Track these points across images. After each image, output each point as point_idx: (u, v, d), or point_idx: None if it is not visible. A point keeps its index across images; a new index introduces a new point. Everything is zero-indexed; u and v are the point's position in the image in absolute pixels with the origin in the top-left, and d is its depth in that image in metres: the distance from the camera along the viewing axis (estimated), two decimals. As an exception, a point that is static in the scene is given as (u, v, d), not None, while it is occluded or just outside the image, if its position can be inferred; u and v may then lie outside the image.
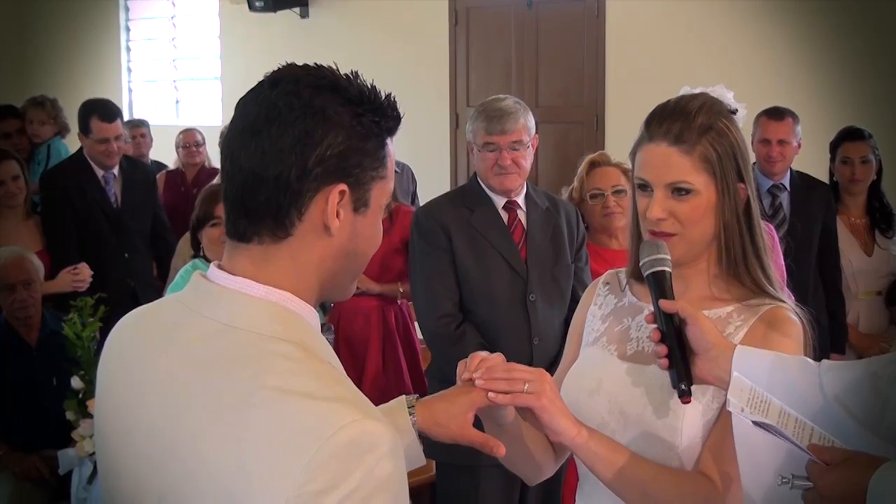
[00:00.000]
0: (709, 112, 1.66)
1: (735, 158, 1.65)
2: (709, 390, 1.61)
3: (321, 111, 1.15)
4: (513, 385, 1.53)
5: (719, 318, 1.67)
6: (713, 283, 1.70)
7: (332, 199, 1.16)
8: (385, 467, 1.05)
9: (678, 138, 1.64)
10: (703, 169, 1.63)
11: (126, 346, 1.25)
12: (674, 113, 1.66)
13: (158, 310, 1.27)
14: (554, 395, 1.56)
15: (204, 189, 3.58)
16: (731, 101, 1.72)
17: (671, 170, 1.64)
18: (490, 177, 3.14)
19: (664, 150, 1.65)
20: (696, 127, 1.64)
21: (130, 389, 1.20)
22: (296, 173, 1.15)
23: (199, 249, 3.33)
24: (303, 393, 1.06)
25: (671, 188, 1.64)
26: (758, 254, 1.68)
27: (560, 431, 1.56)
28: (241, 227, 1.19)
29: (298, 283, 1.19)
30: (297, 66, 1.21)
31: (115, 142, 4.56)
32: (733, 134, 1.66)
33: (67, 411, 3.31)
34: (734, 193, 1.65)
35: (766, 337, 1.63)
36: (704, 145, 1.64)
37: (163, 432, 1.14)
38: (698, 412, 1.62)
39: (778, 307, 1.66)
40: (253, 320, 1.15)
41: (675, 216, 1.65)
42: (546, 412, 1.54)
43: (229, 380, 1.10)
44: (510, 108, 3.10)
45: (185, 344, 1.16)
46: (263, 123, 1.16)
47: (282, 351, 1.12)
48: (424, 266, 3.16)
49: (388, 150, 1.22)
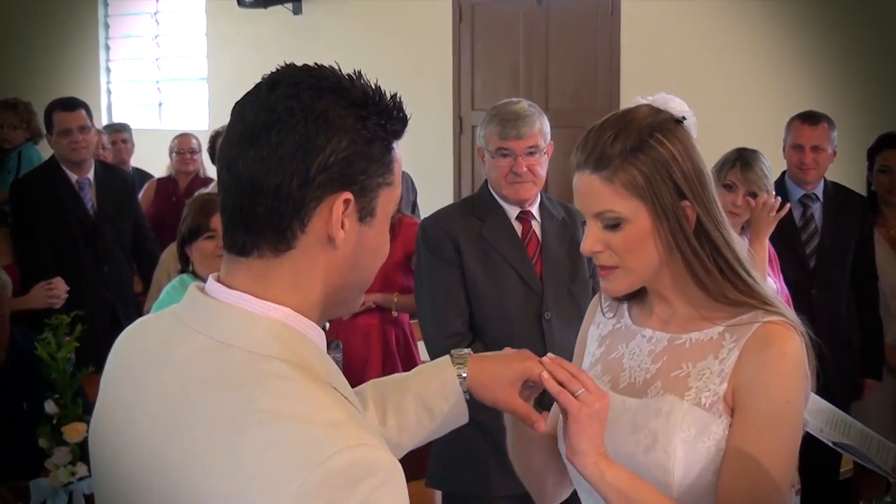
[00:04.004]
0: (637, 129, 1.63)
1: (671, 177, 1.62)
2: (693, 426, 1.61)
3: (323, 115, 1.16)
4: (571, 382, 1.54)
5: (710, 341, 1.66)
6: (698, 301, 1.69)
7: (337, 209, 1.17)
8: (382, 497, 1.06)
9: (598, 164, 1.63)
10: (631, 195, 1.62)
11: (119, 364, 1.28)
12: (596, 136, 1.65)
13: (154, 324, 1.28)
14: (597, 419, 1.55)
15: (195, 198, 3.52)
16: (677, 108, 1.69)
17: (594, 199, 1.64)
18: (503, 185, 3.11)
19: (587, 179, 1.65)
20: (618, 150, 1.62)
21: (122, 408, 1.22)
22: (297, 182, 1.15)
23: (188, 264, 3.28)
24: (297, 416, 1.07)
25: (600, 219, 1.64)
26: (730, 268, 1.66)
27: (578, 452, 1.56)
28: (239, 241, 1.20)
29: (301, 298, 1.20)
30: (296, 66, 1.22)
31: (81, 133, 4.58)
32: (669, 149, 1.62)
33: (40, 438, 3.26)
34: (676, 215, 1.62)
35: (760, 358, 1.61)
36: (627, 169, 1.61)
37: (153, 454, 1.15)
38: (692, 450, 1.61)
39: (771, 323, 1.64)
40: (249, 338, 1.16)
41: (610, 248, 1.64)
42: (578, 424, 1.54)
43: (221, 401, 1.11)
44: (525, 112, 3.09)
45: (178, 362, 1.18)
46: (262, 129, 1.16)
47: (277, 371, 1.12)
48: (431, 281, 3.12)
49: (394, 154, 1.23)
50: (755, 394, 1.59)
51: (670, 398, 1.64)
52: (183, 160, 6.15)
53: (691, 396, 1.63)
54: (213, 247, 3.19)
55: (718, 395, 1.61)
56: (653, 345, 1.72)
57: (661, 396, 1.65)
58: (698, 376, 1.64)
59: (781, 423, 1.59)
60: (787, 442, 1.60)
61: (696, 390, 1.63)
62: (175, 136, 6.31)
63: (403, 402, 1.60)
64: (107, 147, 6.07)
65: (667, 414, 1.62)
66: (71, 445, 3.14)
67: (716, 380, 1.62)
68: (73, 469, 3.12)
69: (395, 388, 1.63)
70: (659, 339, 1.72)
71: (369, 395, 1.62)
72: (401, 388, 1.62)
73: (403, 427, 1.60)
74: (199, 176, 6.20)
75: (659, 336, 1.72)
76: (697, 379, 1.64)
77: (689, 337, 1.68)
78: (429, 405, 1.60)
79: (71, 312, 3.46)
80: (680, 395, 1.64)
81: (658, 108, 1.68)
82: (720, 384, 1.62)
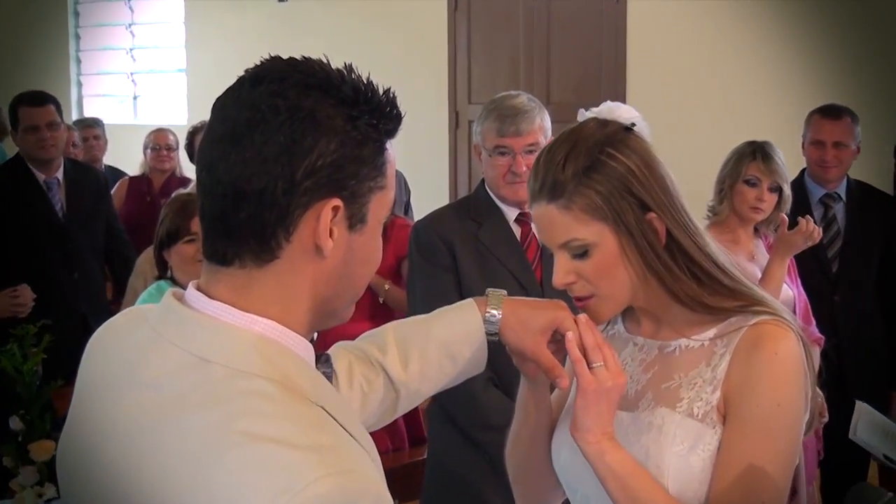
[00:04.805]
0: (585, 148, 1.65)
1: (631, 191, 1.64)
2: (687, 439, 1.63)
3: (311, 114, 1.15)
4: (593, 352, 1.58)
5: (702, 348, 1.69)
6: (680, 314, 1.72)
7: (325, 217, 1.17)
8: None
9: (553, 193, 1.65)
10: (592, 218, 1.64)
11: (92, 376, 1.26)
12: (545, 162, 1.67)
13: (128, 333, 1.26)
14: (606, 398, 1.59)
15: (173, 198, 3.52)
16: (625, 115, 1.71)
17: (556, 230, 1.66)
18: (501, 185, 3.10)
19: (545, 211, 1.67)
20: (570, 174, 1.64)
21: (94, 425, 1.21)
22: (282, 187, 1.15)
23: (166, 269, 3.27)
24: (276, 439, 1.06)
25: (566, 249, 1.67)
26: (708, 276, 1.68)
27: (582, 427, 1.60)
28: (220, 249, 1.19)
29: (286, 310, 1.19)
30: (281, 59, 1.21)
31: (49, 129, 4.58)
32: (623, 161, 1.64)
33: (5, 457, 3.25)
34: (643, 231, 1.64)
35: (750, 360, 1.63)
36: (583, 193, 1.63)
37: (127, 474, 1.14)
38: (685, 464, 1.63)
39: (761, 323, 1.66)
40: (228, 353, 1.15)
41: (582, 277, 1.67)
42: (585, 398, 1.59)
43: (198, 420, 1.10)
44: (525, 107, 3.08)
45: (151, 378, 1.17)
46: (245, 129, 1.16)
47: (258, 389, 1.11)
48: (425, 288, 3.11)
49: (387, 155, 1.22)
50: (744, 398, 1.62)
51: (662, 411, 1.66)
52: (158, 157, 6.14)
53: (683, 407, 1.65)
54: (194, 251, 3.18)
55: (711, 404, 1.64)
56: (644, 353, 1.75)
57: (652, 409, 1.68)
58: (690, 385, 1.66)
59: (774, 428, 1.61)
60: (781, 448, 1.62)
61: (688, 401, 1.65)
62: (150, 132, 6.30)
63: (427, 348, 1.64)
64: (77, 144, 6.06)
65: (658, 428, 1.65)
66: (38, 464, 3.14)
67: (708, 388, 1.64)
68: (40, 490, 3.12)
69: (419, 332, 1.66)
70: (650, 347, 1.75)
71: (392, 339, 1.65)
72: (425, 332, 1.65)
73: (425, 375, 1.64)
74: (176, 175, 6.19)
75: (650, 344, 1.75)
76: (689, 388, 1.66)
77: (678, 344, 1.71)
78: (452, 352, 1.64)
79: (38, 322, 3.45)
80: (671, 407, 1.66)
81: (605, 120, 1.70)
82: (712, 393, 1.64)
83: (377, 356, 1.65)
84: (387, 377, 1.64)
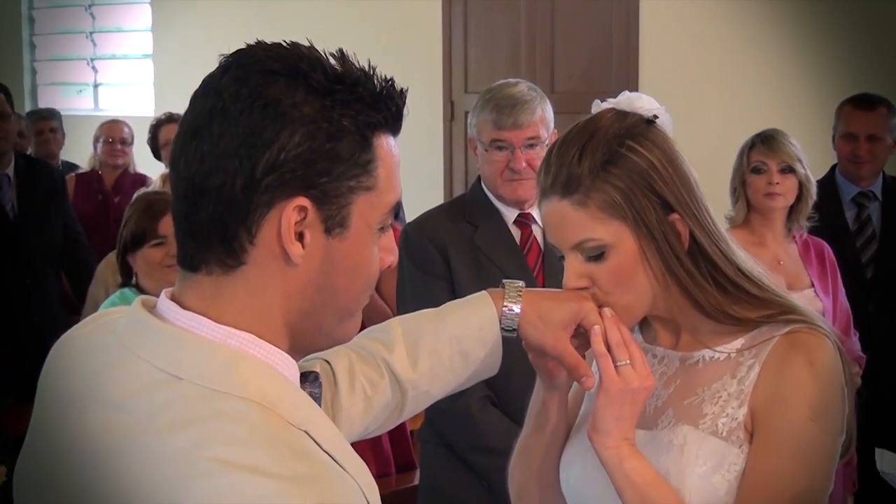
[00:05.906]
0: (604, 140, 1.65)
1: (653, 189, 1.64)
2: (710, 459, 1.63)
3: (273, 103, 1.15)
4: (619, 349, 1.60)
5: (728, 359, 1.69)
6: (702, 325, 1.72)
7: (287, 217, 1.16)
8: None
9: (567, 188, 1.65)
10: (610, 217, 1.64)
11: (52, 393, 1.26)
12: (558, 156, 1.67)
13: (91, 343, 1.25)
14: (630, 400, 1.61)
15: (137, 197, 3.51)
16: (646, 106, 1.71)
17: (569, 229, 1.66)
18: (499, 183, 3.10)
19: (557, 207, 1.67)
20: (586, 168, 1.64)
21: (54, 447, 1.20)
22: (241, 183, 1.15)
23: (131, 276, 3.26)
24: (249, 468, 1.06)
25: (580, 251, 1.65)
26: (734, 285, 1.68)
27: (601, 430, 1.62)
28: (188, 253, 1.20)
29: (261, 323, 1.19)
30: (260, 44, 1.21)
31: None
32: (646, 156, 1.65)
33: (-50, 485, 3.25)
34: (665, 233, 1.64)
35: (782, 371, 1.63)
36: (601, 188, 1.63)
37: (89, 500, 1.13)
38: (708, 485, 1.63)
39: (795, 332, 1.66)
40: (201, 370, 1.14)
41: (596, 284, 1.66)
42: (607, 398, 1.61)
43: (167, 444, 1.09)
44: (524, 96, 3.07)
45: (116, 396, 1.16)
46: (205, 120, 1.17)
47: (232, 411, 1.11)
48: (416, 297, 3.10)
49: (376, 152, 1.21)
50: (774, 411, 1.61)
51: (683, 429, 1.66)
52: (111, 151, 6.07)
53: (706, 424, 1.65)
54: (162, 255, 3.18)
55: (738, 420, 1.63)
56: (664, 366, 1.75)
57: (672, 427, 1.68)
58: (713, 400, 1.66)
59: (806, 445, 1.61)
60: (814, 469, 1.61)
61: (711, 416, 1.65)
62: (102, 123, 6.27)
63: (438, 345, 1.64)
64: (25, 134, 6.02)
65: (679, 447, 1.65)
66: (-13, 493, 3.13)
67: (734, 403, 1.64)
68: (-10, 520, 3.11)
69: (429, 327, 1.66)
70: (671, 359, 1.75)
71: (399, 334, 1.65)
72: (435, 327, 1.65)
73: (436, 374, 1.64)
74: (129, 171, 6.14)
75: (671, 355, 1.75)
76: (713, 403, 1.66)
77: (701, 355, 1.71)
78: (465, 350, 1.64)
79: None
80: (694, 424, 1.65)
81: (624, 111, 1.70)
82: (739, 408, 1.64)
83: (383, 354, 1.64)
84: (393, 378, 1.64)
